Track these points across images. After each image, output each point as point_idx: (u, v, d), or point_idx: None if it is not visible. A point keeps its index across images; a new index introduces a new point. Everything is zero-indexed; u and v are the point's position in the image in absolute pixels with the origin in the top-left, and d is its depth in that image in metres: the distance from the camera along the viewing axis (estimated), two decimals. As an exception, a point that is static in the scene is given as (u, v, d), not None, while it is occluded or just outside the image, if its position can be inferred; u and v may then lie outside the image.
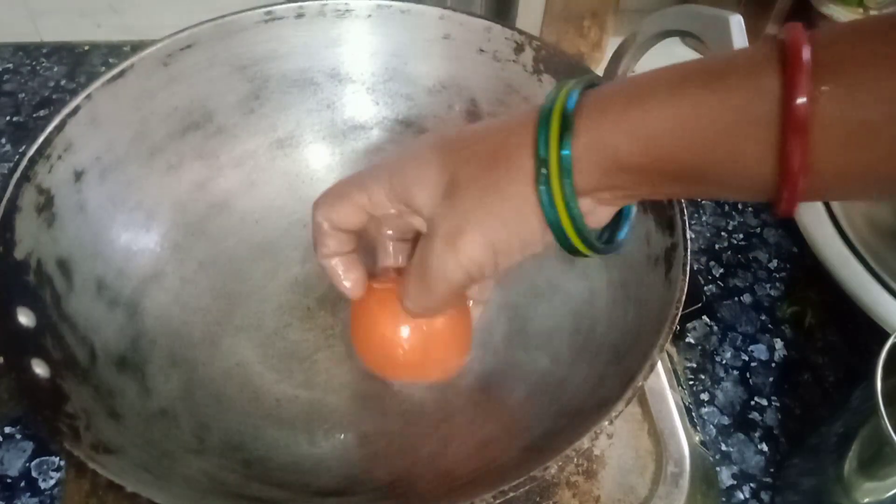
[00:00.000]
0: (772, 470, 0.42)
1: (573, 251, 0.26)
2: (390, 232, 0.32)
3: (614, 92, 0.24)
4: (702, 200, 0.56)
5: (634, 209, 0.29)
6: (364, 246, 0.32)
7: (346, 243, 0.31)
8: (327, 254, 0.31)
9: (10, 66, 0.62)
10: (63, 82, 0.61)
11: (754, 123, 0.20)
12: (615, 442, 0.39)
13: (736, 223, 0.55)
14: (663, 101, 0.22)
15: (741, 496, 0.41)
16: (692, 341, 0.47)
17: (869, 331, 0.43)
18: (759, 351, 0.47)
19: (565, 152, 0.23)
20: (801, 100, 0.19)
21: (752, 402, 0.45)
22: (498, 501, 0.25)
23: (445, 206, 0.26)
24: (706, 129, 0.21)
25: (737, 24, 0.34)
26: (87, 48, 0.64)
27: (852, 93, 0.19)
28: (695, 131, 0.21)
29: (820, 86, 0.19)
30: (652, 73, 0.23)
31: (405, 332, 0.31)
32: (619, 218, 0.28)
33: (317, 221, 0.30)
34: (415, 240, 0.32)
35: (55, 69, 0.62)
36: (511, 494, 0.25)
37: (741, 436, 0.43)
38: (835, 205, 0.47)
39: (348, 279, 0.31)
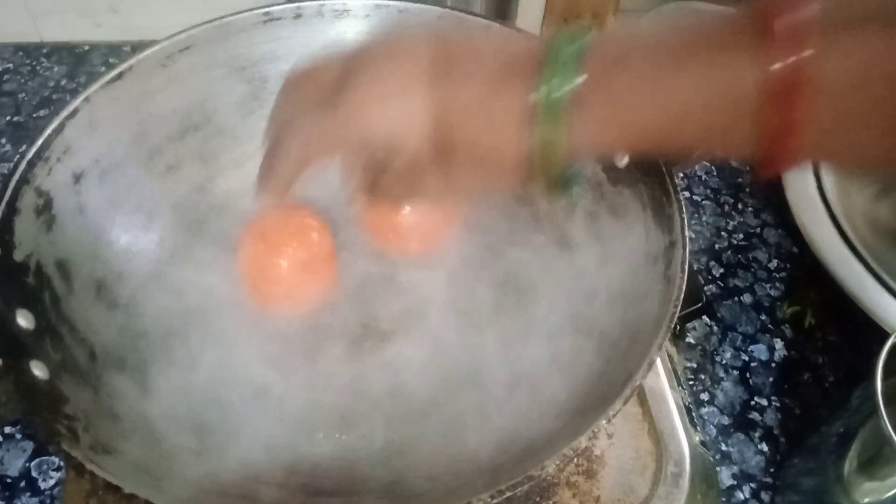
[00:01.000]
0: (772, 470, 0.42)
1: (534, 182, 0.26)
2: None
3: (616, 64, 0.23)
4: (702, 200, 0.56)
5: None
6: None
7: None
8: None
9: (10, 66, 0.62)
10: (63, 82, 0.61)
11: (738, 89, 0.21)
12: (615, 442, 0.39)
13: (736, 223, 0.54)
14: (654, 85, 0.23)
15: (741, 496, 0.41)
16: (692, 341, 0.47)
17: (869, 331, 0.42)
18: (759, 351, 0.47)
19: (565, 92, 0.23)
20: (778, 65, 0.20)
21: (752, 402, 0.45)
22: (495, 501, 0.25)
23: (436, 150, 0.25)
24: (696, 112, 0.22)
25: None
26: (87, 48, 0.64)
27: (832, 57, 0.20)
28: (687, 116, 0.22)
29: (800, 51, 0.20)
30: (647, 41, 0.23)
31: None
32: None
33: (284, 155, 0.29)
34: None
35: (55, 69, 0.62)
36: (508, 494, 0.25)
37: (741, 436, 0.43)
38: (835, 205, 0.47)
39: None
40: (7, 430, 0.40)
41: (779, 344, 0.47)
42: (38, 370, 0.29)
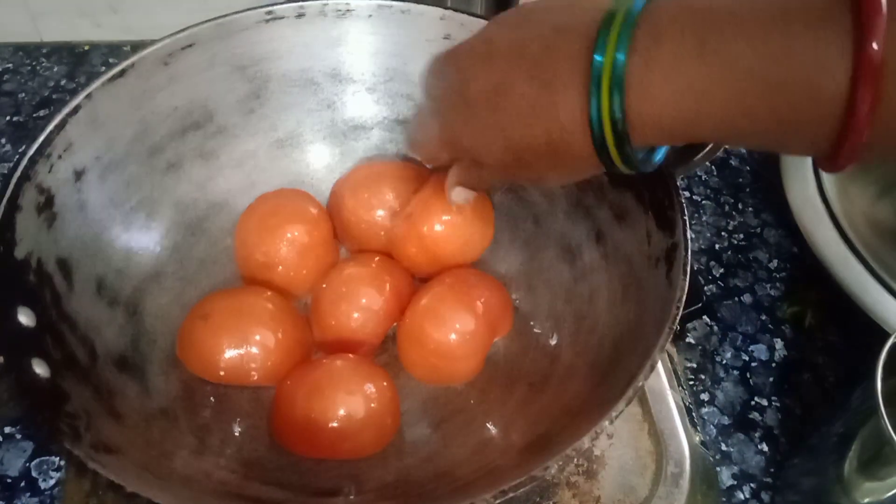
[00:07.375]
0: (772, 470, 0.42)
1: (610, 166, 0.26)
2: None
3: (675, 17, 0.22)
4: (702, 200, 0.56)
5: None
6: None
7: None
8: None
9: (10, 66, 0.62)
10: (63, 82, 0.61)
11: (822, 71, 0.19)
12: (615, 442, 0.39)
13: (736, 223, 0.54)
14: (721, 48, 0.21)
15: (741, 496, 0.41)
16: (692, 341, 0.47)
17: (869, 331, 0.42)
18: (760, 351, 0.47)
19: (620, 58, 0.22)
20: (875, 45, 0.18)
21: (753, 403, 0.45)
22: (498, 501, 0.25)
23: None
24: (768, 81, 0.20)
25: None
26: (87, 48, 0.64)
27: None
28: (756, 84, 0.21)
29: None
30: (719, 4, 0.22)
31: None
32: None
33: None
34: None
35: (55, 69, 0.62)
36: (511, 494, 0.25)
37: (741, 436, 0.43)
38: (835, 204, 0.47)
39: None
40: (7, 430, 0.40)
41: (779, 344, 0.48)
42: (40, 368, 0.29)
